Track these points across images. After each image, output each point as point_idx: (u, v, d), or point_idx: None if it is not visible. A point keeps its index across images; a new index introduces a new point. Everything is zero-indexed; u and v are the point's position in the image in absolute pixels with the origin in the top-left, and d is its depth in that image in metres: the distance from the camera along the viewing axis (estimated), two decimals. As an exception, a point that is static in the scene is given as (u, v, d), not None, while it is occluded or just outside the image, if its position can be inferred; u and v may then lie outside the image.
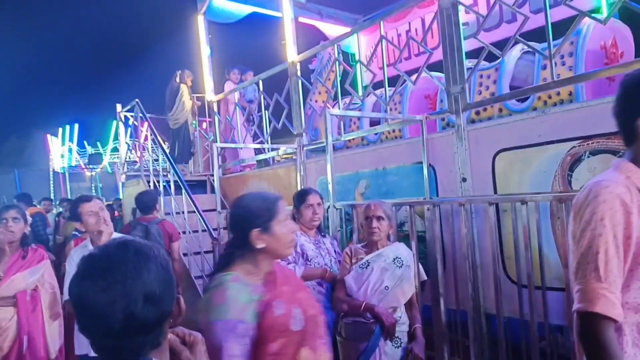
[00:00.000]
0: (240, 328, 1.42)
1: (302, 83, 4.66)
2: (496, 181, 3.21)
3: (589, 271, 1.16)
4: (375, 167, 3.95)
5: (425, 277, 2.73)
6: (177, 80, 6.51)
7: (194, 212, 4.63)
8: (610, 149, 2.62)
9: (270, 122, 5.19)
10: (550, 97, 3.86)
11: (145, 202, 4.13)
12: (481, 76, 4.43)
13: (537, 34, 4.50)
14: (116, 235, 3.03)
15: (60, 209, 7.13)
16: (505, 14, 5.79)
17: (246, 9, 6.20)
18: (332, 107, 4.37)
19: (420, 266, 2.71)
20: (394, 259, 2.54)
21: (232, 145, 5.99)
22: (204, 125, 7.36)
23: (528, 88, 3.41)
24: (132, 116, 6.28)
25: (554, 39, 3.10)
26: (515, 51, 4.25)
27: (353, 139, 4.76)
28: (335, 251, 2.91)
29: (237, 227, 1.60)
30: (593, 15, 2.94)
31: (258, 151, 5.93)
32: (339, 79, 4.43)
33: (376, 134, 4.61)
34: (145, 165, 6.04)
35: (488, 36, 5.16)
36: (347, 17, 7.39)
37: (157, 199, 4.21)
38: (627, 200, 1.16)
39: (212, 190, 6.33)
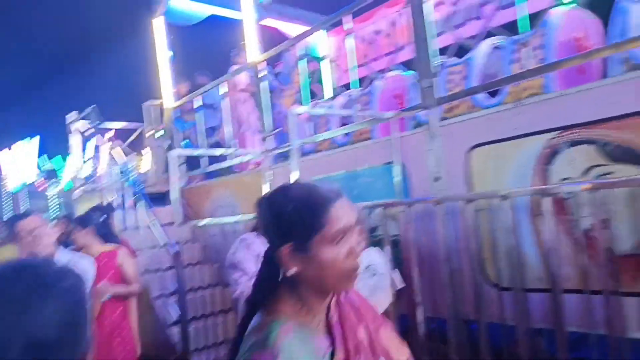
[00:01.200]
0: None
1: (268, 85, 4.43)
2: (471, 179, 3.03)
3: None
4: (345, 170, 3.73)
5: (403, 284, 2.51)
6: None
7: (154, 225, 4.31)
8: (590, 138, 2.47)
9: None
10: (522, 91, 3.74)
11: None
12: (451, 73, 4.30)
13: (506, 29, 4.39)
14: (65, 255, 2.74)
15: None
16: (472, 11, 5.71)
17: (206, 10, 5.94)
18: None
19: (397, 273, 2.49)
20: (367, 266, 2.30)
21: (187, 153, 5.70)
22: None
23: (502, 79, 3.28)
24: (89, 124, 5.90)
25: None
26: (484, 46, 4.13)
27: (323, 141, 4.54)
28: None
29: (266, 236, 1.05)
30: (566, 2, 2.80)
31: (223, 158, 5.64)
32: (305, 76, 4.21)
33: (346, 134, 4.41)
34: (103, 178, 5.67)
35: (456, 34, 5.06)
36: (313, 18, 7.20)
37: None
38: None
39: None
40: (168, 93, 5.81)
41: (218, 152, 5.04)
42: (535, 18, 3.66)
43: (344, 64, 4.76)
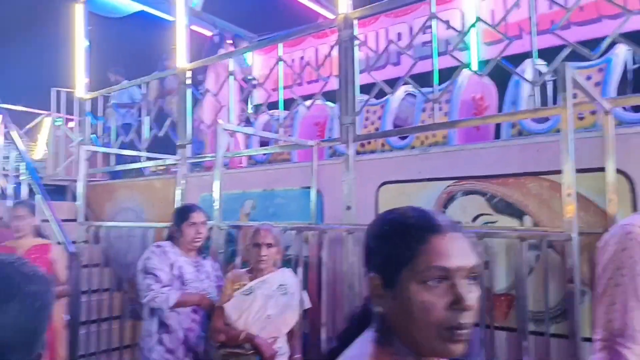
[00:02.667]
0: None
1: (192, 93, 4.43)
2: (379, 211, 3.34)
3: None
4: (263, 188, 3.86)
5: (310, 305, 2.69)
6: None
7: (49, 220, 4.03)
8: (479, 190, 2.90)
9: (150, 129, 4.81)
10: (427, 138, 4.20)
11: None
12: (368, 111, 4.67)
13: (417, 79, 4.89)
14: None
15: None
16: (391, 56, 6.24)
17: (134, 6, 5.76)
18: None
19: (305, 293, 2.67)
20: (279, 285, 2.46)
21: (102, 150, 5.43)
22: (70, 124, 6.58)
23: (413, 127, 3.65)
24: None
25: (430, 86, 3.38)
26: (400, 92, 4.56)
27: (239, 157, 4.63)
28: (215, 275, 2.73)
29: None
30: (473, 70, 3.26)
31: (132, 159, 5.44)
32: (231, 93, 4.29)
33: (265, 154, 4.55)
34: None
35: (376, 75, 5.49)
36: (242, 34, 7.30)
37: None
38: None
39: (73, 198, 5.63)
40: (81, 83, 5.50)
41: (132, 152, 4.87)
42: (442, 73, 4.16)
43: (268, 84, 4.92)
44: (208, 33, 6.88)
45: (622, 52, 3.48)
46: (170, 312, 2.49)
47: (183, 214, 2.66)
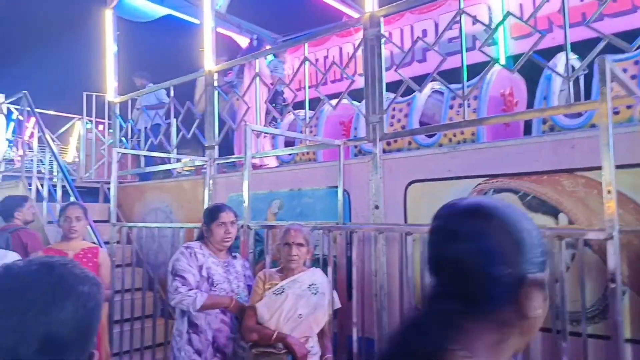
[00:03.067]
0: None
1: (218, 94, 4.48)
2: (407, 211, 3.31)
3: None
4: (290, 188, 3.88)
5: (339, 305, 2.68)
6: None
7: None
8: (512, 188, 2.84)
9: (179, 130, 4.89)
10: (455, 135, 4.14)
11: (5, 208, 3.65)
12: (394, 109, 4.63)
13: (444, 76, 4.83)
14: None
15: None
16: (417, 53, 6.17)
17: (161, 10, 5.87)
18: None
19: (335, 293, 2.66)
20: (310, 285, 2.46)
21: (131, 152, 5.54)
22: (100, 127, 6.75)
23: (440, 125, 3.60)
24: (16, 110, 5.54)
25: (456, 83, 3.33)
26: (426, 89, 4.51)
27: (266, 157, 4.66)
28: (245, 275, 2.75)
29: (487, 264, 0.73)
30: (503, 65, 3.19)
31: (162, 161, 5.54)
32: (257, 94, 4.32)
33: (290, 154, 4.57)
34: (28, 166, 5.33)
35: (402, 72, 5.44)
36: (266, 35, 7.35)
37: (20, 204, 3.71)
38: None
39: (105, 199, 5.78)
40: (111, 87, 5.63)
41: (161, 154, 4.96)
42: (469, 69, 4.09)
43: (294, 85, 4.93)
44: (234, 35, 6.96)
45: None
46: (198, 313, 2.52)
47: (212, 214, 2.69)
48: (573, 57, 3.77)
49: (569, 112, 2.75)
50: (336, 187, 3.55)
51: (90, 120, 6.28)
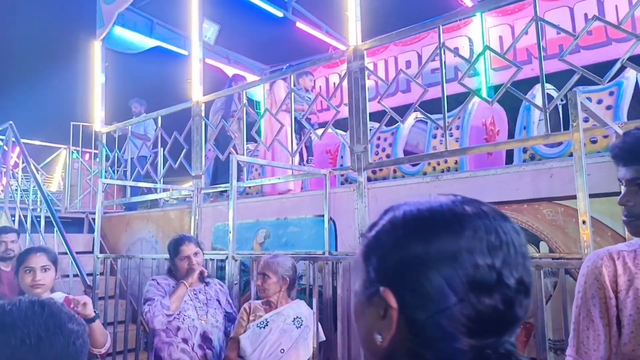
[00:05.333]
0: None
1: (205, 124, 4.52)
2: (392, 239, 3.33)
3: None
4: (276, 217, 3.88)
5: (324, 338, 2.66)
6: None
7: (66, 253, 4.09)
8: (493, 216, 2.87)
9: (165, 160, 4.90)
10: (438, 164, 4.21)
11: None
12: (379, 138, 4.71)
13: (428, 105, 4.94)
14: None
15: None
16: (401, 84, 6.31)
17: (150, 42, 5.96)
18: (236, 153, 4.27)
19: (320, 326, 2.64)
20: (295, 318, 2.44)
21: (117, 182, 5.52)
22: (87, 157, 6.74)
23: (424, 155, 3.66)
24: (1, 140, 5.51)
25: (439, 114, 3.40)
26: (410, 119, 4.60)
27: (252, 186, 4.67)
28: (219, 300, 2.71)
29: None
30: (482, 97, 3.29)
31: (149, 191, 5.52)
32: (244, 124, 4.37)
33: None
34: (11, 196, 5.27)
35: (386, 102, 5.56)
36: (253, 65, 7.48)
37: None
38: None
39: (90, 230, 5.71)
40: (98, 117, 5.65)
41: (147, 184, 4.95)
42: (453, 99, 4.19)
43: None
44: (222, 66, 7.07)
45: (632, 76, 3.49)
46: (162, 344, 2.51)
47: (173, 249, 2.68)
48: (550, 87, 3.90)
49: (546, 143, 2.82)
50: (322, 215, 3.56)
51: (77, 150, 6.27)
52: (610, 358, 1.17)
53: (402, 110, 3.76)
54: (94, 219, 5.02)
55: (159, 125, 4.87)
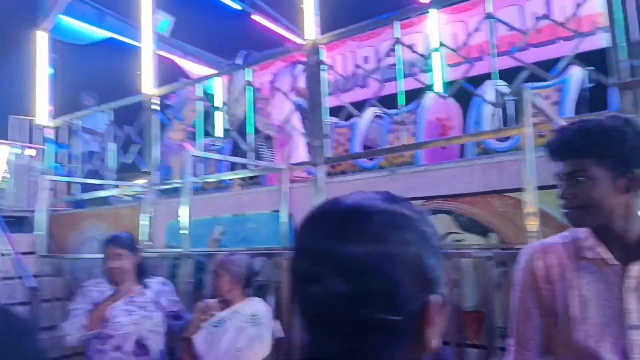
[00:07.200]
0: None
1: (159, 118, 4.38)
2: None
3: None
4: (233, 213, 3.81)
5: (282, 334, 2.63)
6: None
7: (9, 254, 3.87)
8: (447, 209, 2.93)
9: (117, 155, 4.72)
10: (395, 158, 4.25)
11: None
12: (337, 133, 4.71)
13: (385, 101, 4.99)
14: None
15: None
16: (358, 79, 6.34)
17: (101, 33, 5.71)
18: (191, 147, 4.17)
19: (277, 323, 2.60)
20: (251, 316, 2.40)
21: (62, 179, 5.27)
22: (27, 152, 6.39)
23: (381, 149, 3.69)
24: None
25: (396, 108, 3.44)
26: (368, 114, 4.63)
27: (210, 181, 4.57)
28: (159, 302, 2.56)
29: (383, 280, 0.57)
30: (436, 92, 3.34)
31: (100, 187, 5.30)
32: (201, 118, 4.26)
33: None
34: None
35: (344, 97, 5.57)
36: (209, 58, 7.31)
37: None
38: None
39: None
40: (44, 110, 5.37)
41: (96, 181, 4.75)
42: (410, 94, 4.25)
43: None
44: (177, 59, 6.87)
45: (577, 72, 3.64)
46: (92, 352, 2.41)
47: (102, 251, 2.58)
48: (502, 83, 4.02)
49: (497, 137, 2.90)
50: (279, 211, 3.53)
51: (19, 145, 5.94)
52: (550, 347, 1.23)
53: (361, 106, 3.77)
54: (40, 218, 4.77)
55: (112, 118, 4.68)
